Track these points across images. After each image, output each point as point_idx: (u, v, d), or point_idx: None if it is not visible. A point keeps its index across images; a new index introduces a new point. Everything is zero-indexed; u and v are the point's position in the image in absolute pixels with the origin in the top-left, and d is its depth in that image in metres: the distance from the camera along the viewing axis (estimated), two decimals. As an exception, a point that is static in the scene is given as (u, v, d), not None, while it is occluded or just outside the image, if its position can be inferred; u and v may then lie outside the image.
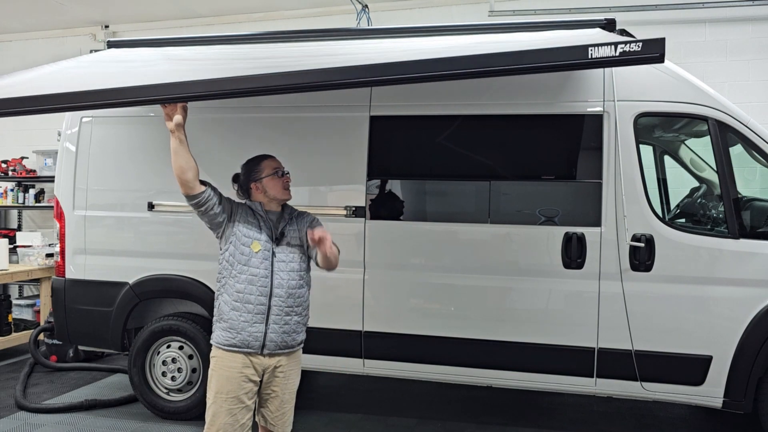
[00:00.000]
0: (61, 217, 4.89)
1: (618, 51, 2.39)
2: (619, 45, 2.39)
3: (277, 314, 3.04)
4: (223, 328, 3.05)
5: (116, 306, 4.71)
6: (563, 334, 4.02)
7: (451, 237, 4.22)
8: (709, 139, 3.91)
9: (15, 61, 8.87)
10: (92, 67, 3.90)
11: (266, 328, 3.02)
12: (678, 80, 3.98)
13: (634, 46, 2.38)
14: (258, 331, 3.01)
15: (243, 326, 3.00)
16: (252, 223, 3.10)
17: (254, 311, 3.01)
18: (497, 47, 3.50)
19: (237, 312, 3.02)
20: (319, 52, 3.80)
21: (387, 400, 5.19)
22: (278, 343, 3.05)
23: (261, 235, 3.08)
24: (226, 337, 3.03)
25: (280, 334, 3.05)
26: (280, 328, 3.05)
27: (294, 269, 3.11)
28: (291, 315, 3.08)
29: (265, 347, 3.03)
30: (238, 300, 3.02)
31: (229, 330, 3.02)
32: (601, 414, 4.95)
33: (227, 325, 3.03)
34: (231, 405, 2.98)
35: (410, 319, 4.26)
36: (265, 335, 3.02)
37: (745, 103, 5.65)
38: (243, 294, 3.02)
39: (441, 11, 7.24)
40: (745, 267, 3.77)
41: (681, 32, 6.66)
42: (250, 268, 3.03)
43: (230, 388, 2.99)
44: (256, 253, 3.04)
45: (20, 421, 4.72)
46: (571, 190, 4.12)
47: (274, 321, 3.03)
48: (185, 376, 4.65)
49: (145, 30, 8.22)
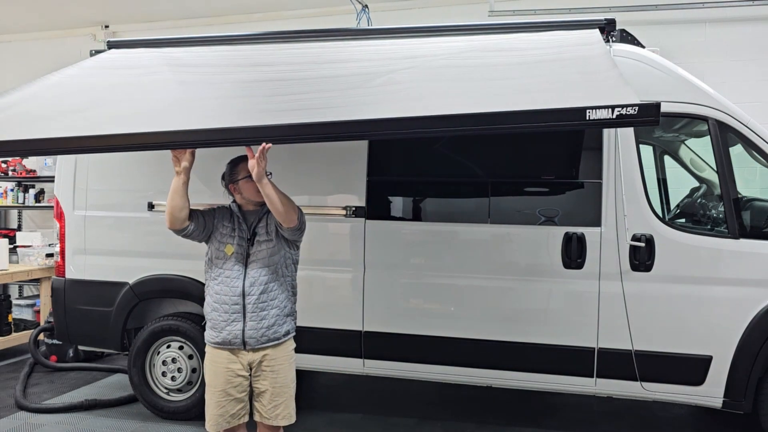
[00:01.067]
0: (61, 217, 4.89)
1: (615, 114, 2.46)
2: (615, 108, 2.45)
3: (252, 311, 3.12)
4: (209, 327, 3.21)
5: (116, 306, 4.71)
6: (563, 334, 4.02)
7: (451, 237, 4.22)
8: (709, 139, 3.91)
9: (15, 61, 8.88)
10: (94, 76, 3.86)
11: (244, 326, 3.12)
12: (678, 80, 3.97)
13: (631, 110, 2.45)
14: (236, 329, 3.12)
15: (222, 325, 3.13)
16: (227, 227, 3.20)
17: (230, 311, 3.12)
18: (498, 57, 3.50)
19: (216, 312, 3.15)
20: (320, 59, 3.79)
21: (387, 400, 5.19)
22: (258, 339, 3.13)
23: (234, 237, 3.17)
24: (211, 335, 3.18)
25: (259, 329, 3.12)
26: (258, 324, 3.12)
27: (266, 264, 3.16)
28: (267, 309, 3.14)
29: (246, 344, 3.12)
30: (216, 301, 3.16)
31: (213, 329, 3.17)
32: (601, 414, 4.95)
33: (210, 324, 3.19)
34: (219, 398, 3.14)
35: (410, 319, 4.26)
36: (244, 332, 3.12)
37: (745, 103, 5.63)
38: (219, 295, 3.15)
39: (441, 11, 7.24)
40: (745, 267, 3.77)
41: (681, 32, 6.66)
42: (224, 270, 3.15)
43: (218, 382, 3.15)
44: (230, 256, 3.15)
45: (20, 421, 4.72)
46: (571, 190, 4.12)
47: (250, 318, 3.12)
48: (185, 376, 4.65)
49: (145, 30, 8.21)
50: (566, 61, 3.27)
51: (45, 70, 3.82)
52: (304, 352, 4.39)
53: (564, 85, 2.90)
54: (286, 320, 3.23)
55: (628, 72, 3.93)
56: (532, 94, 2.84)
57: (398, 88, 3.13)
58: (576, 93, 2.76)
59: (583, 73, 3.06)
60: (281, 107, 3.01)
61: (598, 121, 2.47)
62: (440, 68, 3.45)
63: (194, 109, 3.13)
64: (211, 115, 3.01)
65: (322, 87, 3.26)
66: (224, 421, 3.16)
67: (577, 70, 3.13)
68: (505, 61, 3.44)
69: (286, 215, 3.03)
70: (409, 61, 3.59)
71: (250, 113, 3.01)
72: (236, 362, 3.14)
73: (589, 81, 2.91)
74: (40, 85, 3.72)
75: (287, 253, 3.24)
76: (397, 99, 2.97)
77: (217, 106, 3.15)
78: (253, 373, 3.18)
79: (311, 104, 2.99)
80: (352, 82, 3.27)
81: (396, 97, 3.00)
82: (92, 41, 8.42)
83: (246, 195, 3.22)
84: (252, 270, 3.13)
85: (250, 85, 3.42)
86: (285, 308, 3.22)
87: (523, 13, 6.81)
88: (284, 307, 3.22)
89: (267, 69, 3.71)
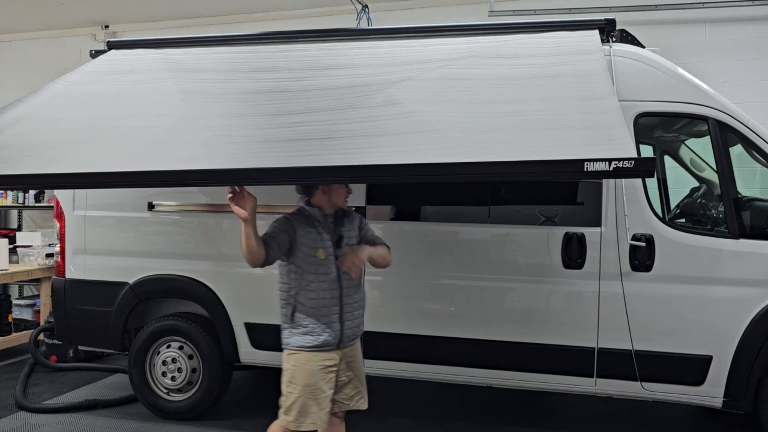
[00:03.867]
0: (61, 217, 4.89)
1: (612, 167, 2.51)
2: (613, 162, 2.51)
3: (348, 311, 3.25)
4: (302, 333, 3.20)
5: (116, 306, 4.71)
6: (563, 334, 4.02)
7: (451, 237, 4.22)
8: (709, 139, 3.90)
9: (15, 61, 8.88)
10: (96, 83, 3.86)
11: (342, 327, 3.23)
12: (678, 80, 3.97)
13: (627, 163, 2.50)
14: (335, 330, 3.21)
15: (322, 329, 3.19)
16: (311, 232, 3.21)
17: (329, 313, 3.20)
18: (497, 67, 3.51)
19: (314, 318, 3.19)
20: (319, 63, 3.80)
21: (387, 400, 5.19)
22: (351, 337, 3.30)
23: (323, 241, 3.21)
24: (307, 340, 3.20)
25: (352, 328, 3.29)
26: (352, 323, 3.28)
27: None
28: (359, 309, 3.33)
29: (341, 342, 3.24)
30: (314, 306, 3.19)
31: (309, 334, 3.19)
32: (601, 414, 4.95)
33: (305, 330, 3.20)
34: (317, 395, 3.19)
35: (410, 319, 4.26)
36: (342, 333, 3.23)
37: (745, 103, 5.63)
38: (317, 300, 3.18)
39: (441, 11, 7.25)
40: (745, 267, 3.77)
41: (681, 32, 6.67)
42: (319, 275, 3.18)
43: (314, 381, 3.19)
44: (323, 260, 3.19)
45: (20, 421, 4.72)
46: (571, 190, 4.12)
47: (347, 318, 3.25)
48: (185, 376, 4.65)
49: (145, 30, 8.22)
50: (565, 79, 3.29)
51: (45, 70, 3.82)
52: (304, 352, 4.42)
53: (563, 121, 2.93)
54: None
55: (628, 72, 3.96)
56: (531, 133, 2.87)
57: (397, 111, 3.14)
58: (574, 134, 2.80)
59: (581, 98, 3.09)
60: (281, 135, 3.04)
61: (594, 172, 2.54)
62: (439, 81, 3.44)
63: (198, 135, 3.15)
64: (214, 150, 3.02)
65: (322, 105, 3.29)
66: (320, 417, 3.21)
67: (576, 93, 3.15)
68: (504, 73, 3.44)
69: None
70: (408, 68, 3.59)
71: (252, 144, 3.02)
72: (329, 359, 3.22)
73: (588, 114, 2.94)
74: (42, 97, 3.72)
75: None
76: (396, 130, 2.99)
77: (219, 133, 3.16)
78: (341, 368, 3.30)
79: (312, 132, 3.03)
80: (350, 99, 3.30)
81: (395, 126, 3.02)
82: (92, 41, 8.42)
83: (335, 200, 3.28)
84: (345, 272, 3.22)
85: (251, 99, 3.45)
86: (365, 307, 3.43)
87: (522, 13, 6.81)
88: (365, 306, 3.42)
89: (267, 77, 3.71)
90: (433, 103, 3.21)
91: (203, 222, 4.60)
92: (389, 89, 3.34)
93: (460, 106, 3.16)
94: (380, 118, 3.08)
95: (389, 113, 3.13)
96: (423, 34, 4.15)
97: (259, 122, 3.20)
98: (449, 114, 3.09)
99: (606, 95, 3.06)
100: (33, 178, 2.98)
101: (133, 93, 3.70)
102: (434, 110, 3.13)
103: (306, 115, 3.20)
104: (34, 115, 3.51)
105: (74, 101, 3.64)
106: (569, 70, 3.36)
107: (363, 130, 3.00)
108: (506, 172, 2.68)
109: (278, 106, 3.32)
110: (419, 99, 3.25)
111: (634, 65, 3.96)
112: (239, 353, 4.55)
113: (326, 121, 3.13)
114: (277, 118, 3.20)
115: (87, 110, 3.52)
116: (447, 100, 3.24)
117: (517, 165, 2.64)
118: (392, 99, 3.24)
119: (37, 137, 3.27)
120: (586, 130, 2.83)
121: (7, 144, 3.22)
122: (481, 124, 2.97)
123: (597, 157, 2.53)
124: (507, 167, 2.64)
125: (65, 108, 3.56)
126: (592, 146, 2.67)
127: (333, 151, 2.84)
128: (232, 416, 4.79)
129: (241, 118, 3.27)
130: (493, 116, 3.02)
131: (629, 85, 3.95)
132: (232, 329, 4.53)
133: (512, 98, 3.17)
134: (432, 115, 3.08)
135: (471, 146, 2.79)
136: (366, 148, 2.84)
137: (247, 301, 4.50)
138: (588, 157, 2.55)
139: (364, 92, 3.35)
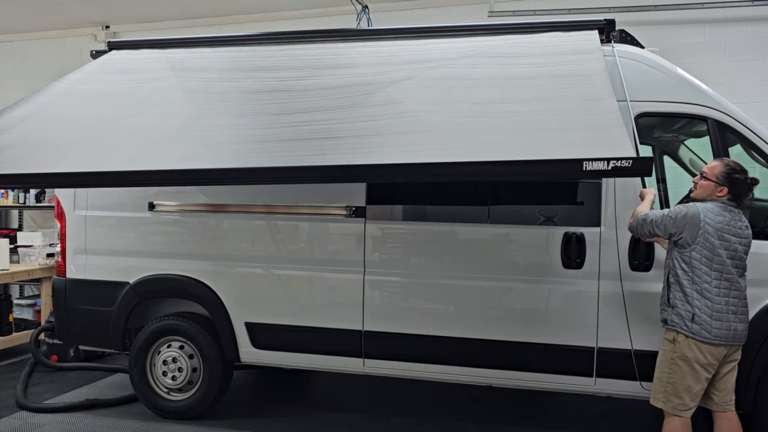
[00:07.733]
0: (62, 217, 4.90)
1: (610, 166, 2.57)
2: (611, 161, 2.57)
3: None
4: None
5: (117, 306, 4.72)
6: (563, 334, 4.03)
7: (451, 237, 4.22)
8: (708, 139, 3.91)
9: (15, 62, 8.89)
10: (99, 83, 3.87)
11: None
12: (678, 80, 3.98)
13: (625, 162, 2.57)
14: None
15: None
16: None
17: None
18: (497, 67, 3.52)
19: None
20: (320, 62, 3.81)
21: (387, 400, 5.20)
22: None
23: None
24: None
25: None
26: None
27: None
28: None
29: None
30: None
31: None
32: (601, 414, 4.96)
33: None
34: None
35: (410, 318, 4.26)
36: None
37: (745, 103, 5.64)
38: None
39: (441, 11, 7.25)
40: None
41: (681, 32, 6.67)
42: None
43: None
44: None
45: (21, 420, 4.73)
46: (570, 190, 4.12)
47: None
48: (186, 376, 4.65)
49: (145, 30, 8.23)
50: (565, 79, 3.31)
51: (45, 71, 3.83)
52: (304, 352, 4.43)
53: (562, 121, 2.96)
54: None
55: (628, 72, 3.96)
56: (531, 133, 2.89)
57: (398, 110, 3.14)
58: (573, 134, 2.83)
59: (580, 99, 3.10)
60: (283, 135, 3.06)
61: (593, 172, 2.58)
62: (439, 81, 3.44)
63: (201, 134, 3.17)
64: (220, 148, 3.05)
65: (323, 104, 3.30)
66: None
67: (576, 94, 3.16)
68: (504, 73, 3.44)
69: None
70: (408, 67, 3.59)
71: (254, 144, 3.05)
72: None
73: (587, 115, 2.96)
74: (46, 96, 3.73)
75: None
76: (398, 130, 3.00)
77: (222, 132, 3.18)
78: None
79: (313, 131, 3.05)
80: (352, 99, 3.31)
81: (396, 125, 3.03)
82: (93, 41, 8.43)
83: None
84: None
85: (254, 98, 3.45)
86: None
87: (522, 13, 6.82)
88: None
89: (269, 75, 3.72)
90: (433, 102, 3.22)
91: (204, 222, 4.61)
92: (390, 89, 3.35)
93: (460, 105, 3.16)
94: (381, 118, 3.09)
95: (390, 113, 3.14)
96: (423, 34, 4.16)
97: (261, 122, 3.21)
98: (449, 114, 3.10)
99: (605, 96, 3.07)
100: (40, 177, 3.00)
101: (136, 92, 3.71)
102: (434, 110, 3.14)
103: (308, 114, 3.21)
104: (39, 114, 3.52)
105: (78, 100, 3.65)
106: (569, 71, 3.37)
107: (364, 129, 3.01)
108: (506, 172, 2.70)
109: (280, 106, 3.34)
110: (419, 99, 3.25)
111: (633, 65, 3.96)
112: (240, 353, 4.56)
113: (328, 120, 3.14)
114: (279, 117, 3.22)
115: (91, 109, 3.53)
116: (447, 99, 3.24)
117: (516, 165, 2.66)
118: (393, 98, 3.25)
119: (41, 136, 3.29)
120: (585, 130, 2.85)
121: (13, 143, 3.23)
122: (481, 124, 2.98)
123: (595, 157, 2.55)
124: (507, 167, 2.66)
125: (69, 107, 3.57)
126: (590, 146, 2.68)
127: (335, 151, 2.85)
128: (233, 416, 4.80)
129: (244, 117, 3.28)
130: (493, 116, 3.03)
131: (629, 85, 3.95)
132: (232, 329, 4.54)
133: (512, 98, 3.18)
134: (432, 115, 3.09)
135: (471, 146, 2.80)
136: (368, 147, 2.85)
137: (247, 301, 4.51)
138: (587, 156, 2.56)
139: (365, 91, 3.36)
